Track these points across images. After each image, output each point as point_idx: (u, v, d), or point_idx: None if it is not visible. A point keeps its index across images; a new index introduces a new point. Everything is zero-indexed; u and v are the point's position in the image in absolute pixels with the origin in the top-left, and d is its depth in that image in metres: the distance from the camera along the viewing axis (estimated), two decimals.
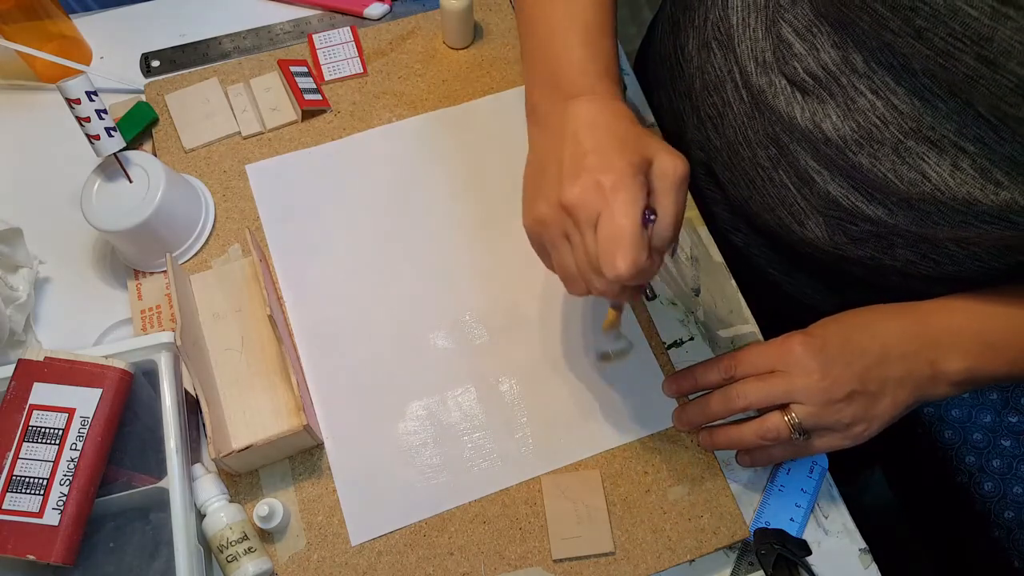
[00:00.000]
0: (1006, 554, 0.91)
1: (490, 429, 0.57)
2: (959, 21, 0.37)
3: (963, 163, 0.44)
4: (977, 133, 0.42)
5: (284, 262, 0.63)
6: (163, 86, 0.71)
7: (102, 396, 0.51)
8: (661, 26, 0.73)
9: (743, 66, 0.55)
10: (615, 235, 0.41)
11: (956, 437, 0.96)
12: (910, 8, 0.39)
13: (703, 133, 0.64)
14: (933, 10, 0.38)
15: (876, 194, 0.50)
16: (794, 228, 0.58)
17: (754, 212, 0.62)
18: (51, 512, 0.47)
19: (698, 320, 0.62)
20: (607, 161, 0.42)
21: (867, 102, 0.46)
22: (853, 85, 0.46)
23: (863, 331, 0.52)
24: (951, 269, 0.54)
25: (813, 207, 0.55)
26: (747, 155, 0.58)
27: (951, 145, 0.44)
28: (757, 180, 0.59)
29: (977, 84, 0.39)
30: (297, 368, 0.57)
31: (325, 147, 0.69)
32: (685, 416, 0.56)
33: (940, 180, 0.45)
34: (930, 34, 0.39)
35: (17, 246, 0.61)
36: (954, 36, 0.38)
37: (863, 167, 0.48)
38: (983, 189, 0.44)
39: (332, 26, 0.76)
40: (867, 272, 0.59)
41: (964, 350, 0.50)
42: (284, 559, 0.53)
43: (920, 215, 0.49)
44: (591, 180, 0.42)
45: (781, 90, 0.51)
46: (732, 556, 0.55)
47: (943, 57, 0.40)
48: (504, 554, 0.53)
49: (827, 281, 0.65)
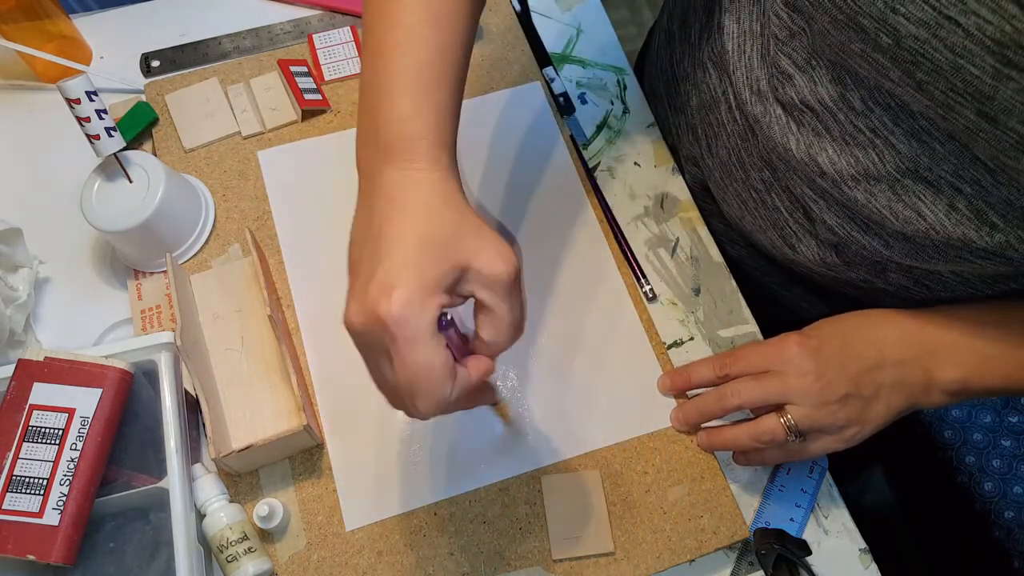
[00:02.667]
0: (1006, 554, 0.91)
1: (490, 428, 0.57)
2: (960, 78, 0.37)
3: (959, 204, 0.43)
4: (974, 176, 0.42)
5: (293, 252, 0.63)
6: (163, 86, 0.71)
7: (102, 396, 0.51)
8: (658, 37, 0.73)
9: (738, 91, 0.54)
10: (407, 379, 0.36)
11: (956, 437, 0.96)
12: (911, 62, 0.38)
13: (697, 150, 0.64)
14: (935, 65, 0.37)
15: (872, 227, 0.50)
16: (786, 251, 0.58)
17: (748, 231, 0.62)
18: (51, 512, 0.47)
19: (698, 320, 0.62)
20: (395, 281, 0.36)
21: (865, 139, 0.45)
22: (851, 121, 0.45)
23: (860, 335, 0.52)
24: (943, 295, 0.54)
25: (806, 231, 0.55)
26: (740, 176, 0.58)
27: (948, 186, 0.43)
28: (750, 201, 0.58)
29: (977, 136, 0.39)
30: (297, 368, 0.57)
31: (337, 136, 0.68)
32: (681, 415, 0.56)
33: (935, 220, 0.45)
34: (931, 87, 0.38)
35: (17, 246, 0.61)
36: (955, 91, 0.37)
37: (859, 201, 0.48)
38: (978, 231, 0.43)
39: (332, 26, 0.76)
40: (861, 293, 0.59)
41: (959, 360, 0.50)
42: (284, 559, 0.53)
43: (915, 248, 0.48)
44: (371, 309, 0.36)
45: (776, 119, 0.50)
46: (732, 556, 0.55)
47: (943, 109, 0.39)
48: (504, 554, 0.53)
49: (822, 298, 0.65)
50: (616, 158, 0.69)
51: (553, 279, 0.63)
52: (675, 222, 0.66)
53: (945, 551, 1.06)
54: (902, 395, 0.50)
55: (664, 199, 0.67)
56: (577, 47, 0.76)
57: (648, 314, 0.61)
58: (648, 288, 0.62)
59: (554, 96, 0.71)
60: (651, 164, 0.69)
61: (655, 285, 0.63)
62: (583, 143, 0.70)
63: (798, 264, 0.58)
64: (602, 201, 0.66)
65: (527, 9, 0.77)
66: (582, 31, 0.77)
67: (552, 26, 0.77)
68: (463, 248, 0.38)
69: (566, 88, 0.73)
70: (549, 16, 0.78)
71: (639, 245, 0.65)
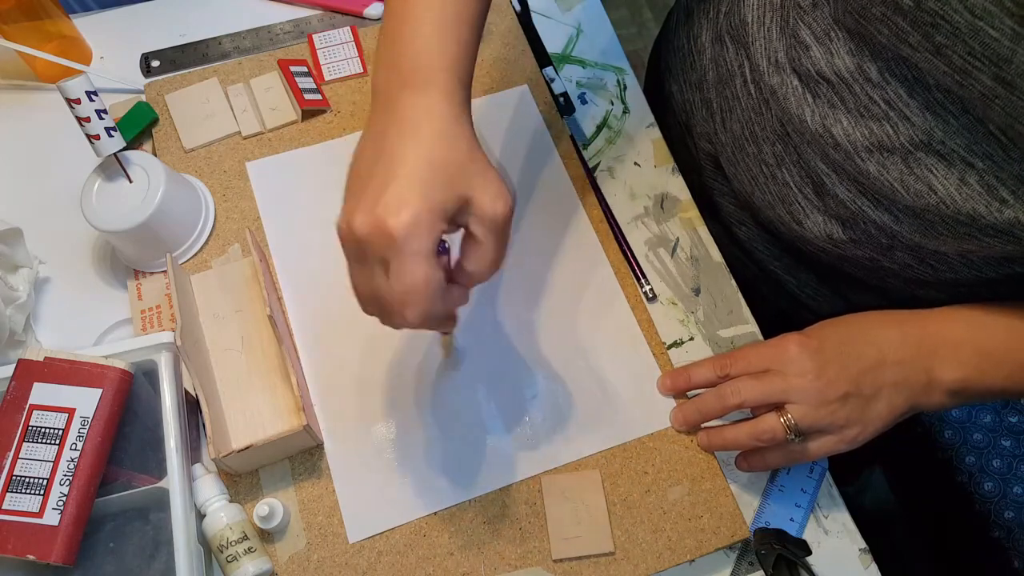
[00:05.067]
0: (1006, 554, 0.91)
1: (490, 428, 0.57)
2: (979, 41, 0.37)
3: (970, 178, 0.44)
4: (987, 150, 0.42)
5: (284, 260, 0.63)
6: (163, 86, 0.71)
7: (102, 396, 0.51)
8: (676, 15, 0.73)
9: (755, 63, 0.55)
10: (403, 289, 0.38)
11: (956, 437, 0.96)
12: (931, 24, 0.39)
13: (711, 125, 0.64)
14: (953, 28, 0.38)
15: (883, 200, 0.50)
16: (793, 226, 0.58)
17: (756, 207, 0.62)
18: (51, 512, 0.47)
19: (698, 320, 0.62)
20: (407, 198, 0.37)
21: (880, 111, 0.46)
22: (866, 93, 0.46)
23: (861, 335, 0.52)
24: (948, 276, 0.54)
25: (814, 206, 0.55)
26: (752, 151, 0.58)
27: (960, 160, 0.43)
28: (760, 176, 0.59)
29: (992, 103, 0.39)
30: (297, 368, 0.57)
31: (326, 145, 0.69)
32: (681, 415, 0.56)
33: (946, 193, 0.45)
34: (949, 51, 0.39)
35: (17, 246, 0.61)
36: (973, 55, 0.38)
37: (871, 174, 0.48)
38: (988, 206, 0.43)
39: (332, 26, 0.76)
40: (866, 273, 0.59)
41: (961, 361, 0.50)
42: (284, 559, 0.53)
43: (925, 224, 0.49)
44: (381, 220, 0.37)
45: (792, 90, 0.51)
46: (732, 556, 0.55)
47: (960, 75, 0.39)
48: (504, 554, 0.53)
49: (828, 281, 0.65)
50: (616, 158, 0.69)
51: (553, 279, 0.63)
52: (675, 222, 0.66)
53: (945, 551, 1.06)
54: (903, 395, 0.50)
55: (664, 199, 0.67)
56: (577, 47, 0.76)
57: (648, 314, 0.61)
58: (648, 288, 0.62)
59: (554, 96, 0.71)
60: (651, 164, 0.69)
61: (655, 285, 0.63)
62: (583, 143, 0.70)
63: (804, 240, 0.59)
64: (602, 201, 0.66)
65: (527, 9, 0.77)
66: (582, 31, 0.77)
67: (552, 26, 0.77)
68: (469, 181, 0.39)
69: (566, 88, 0.73)
70: (549, 16, 0.78)
71: (639, 245, 0.65)
